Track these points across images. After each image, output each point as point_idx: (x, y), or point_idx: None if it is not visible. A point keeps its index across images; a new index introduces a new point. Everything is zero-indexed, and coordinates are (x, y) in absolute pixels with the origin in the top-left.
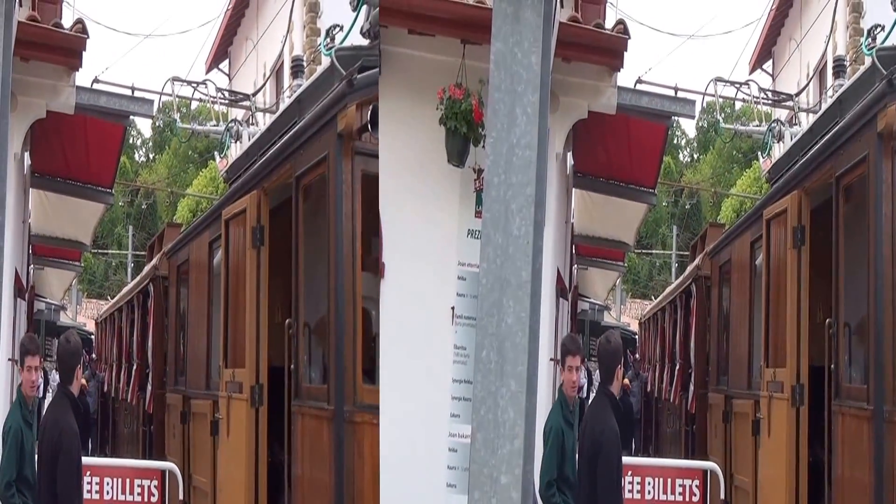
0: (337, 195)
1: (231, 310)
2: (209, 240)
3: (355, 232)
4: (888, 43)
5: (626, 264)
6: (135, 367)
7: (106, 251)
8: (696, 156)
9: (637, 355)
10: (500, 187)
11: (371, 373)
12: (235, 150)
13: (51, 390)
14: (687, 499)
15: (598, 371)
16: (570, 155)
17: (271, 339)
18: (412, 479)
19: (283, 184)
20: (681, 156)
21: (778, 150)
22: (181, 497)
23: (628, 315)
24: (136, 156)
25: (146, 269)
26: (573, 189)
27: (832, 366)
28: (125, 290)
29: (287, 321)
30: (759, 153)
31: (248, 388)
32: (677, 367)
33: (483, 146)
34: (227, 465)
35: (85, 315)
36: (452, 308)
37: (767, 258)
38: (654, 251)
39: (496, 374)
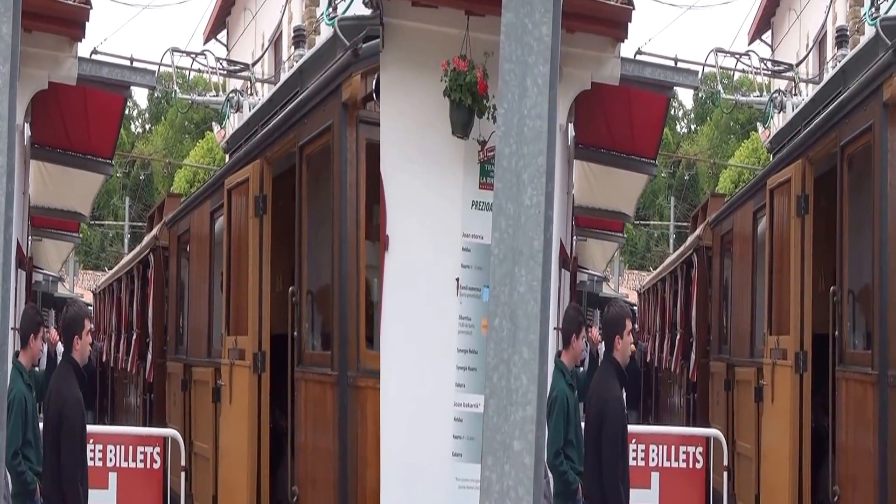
0: (341, 164)
1: (233, 278)
2: (210, 209)
3: (359, 200)
4: (892, 13)
5: (625, 235)
6: (134, 337)
7: (102, 223)
8: (693, 127)
9: (636, 326)
10: (512, 158)
11: (373, 339)
12: (234, 121)
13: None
14: (691, 465)
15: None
16: (570, 126)
17: (273, 307)
18: (416, 449)
19: (285, 153)
20: (678, 127)
21: (778, 121)
22: (183, 463)
23: (626, 286)
24: (133, 127)
25: (146, 239)
26: (574, 160)
27: (836, 332)
28: (124, 260)
29: (290, 289)
30: (759, 123)
31: (250, 355)
32: (678, 337)
33: (488, 118)
34: (229, 431)
35: (82, 286)
36: (457, 279)
37: (771, 227)
38: (651, 222)
39: (508, 342)
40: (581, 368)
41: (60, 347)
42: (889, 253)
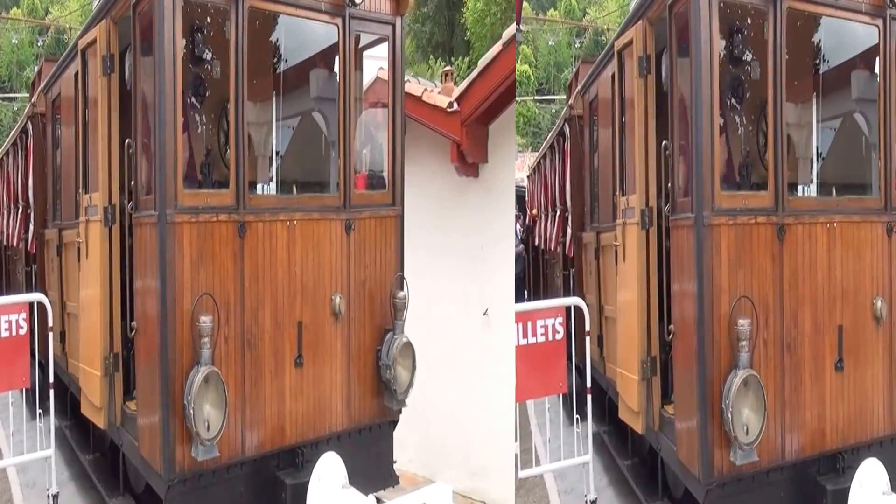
0: (159, 21)
1: (89, 137)
2: (74, 72)
3: (176, 55)
4: None
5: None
6: (20, 210)
7: (14, 96)
8: None
9: (532, 211)
10: None
11: (192, 180)
12: None
13: None
14: (550, 338)
15: None
16: None
17: (122, 163)
18: None
19: (126, 13)
20: None
21: None
22: (50, 324)
23: (528, 170)
24: None
25: (27, 107)
26: None
27: (669, 185)
28: (12, 133)
29: (126, 141)
30: None
31: (100, 209)
32: (558, 214)
33: None
34: (86, 284)
35: None
36: None
37: (621, 90)
38: (556, 97)
39: None
40: None
41: None
42: (703, 104)
